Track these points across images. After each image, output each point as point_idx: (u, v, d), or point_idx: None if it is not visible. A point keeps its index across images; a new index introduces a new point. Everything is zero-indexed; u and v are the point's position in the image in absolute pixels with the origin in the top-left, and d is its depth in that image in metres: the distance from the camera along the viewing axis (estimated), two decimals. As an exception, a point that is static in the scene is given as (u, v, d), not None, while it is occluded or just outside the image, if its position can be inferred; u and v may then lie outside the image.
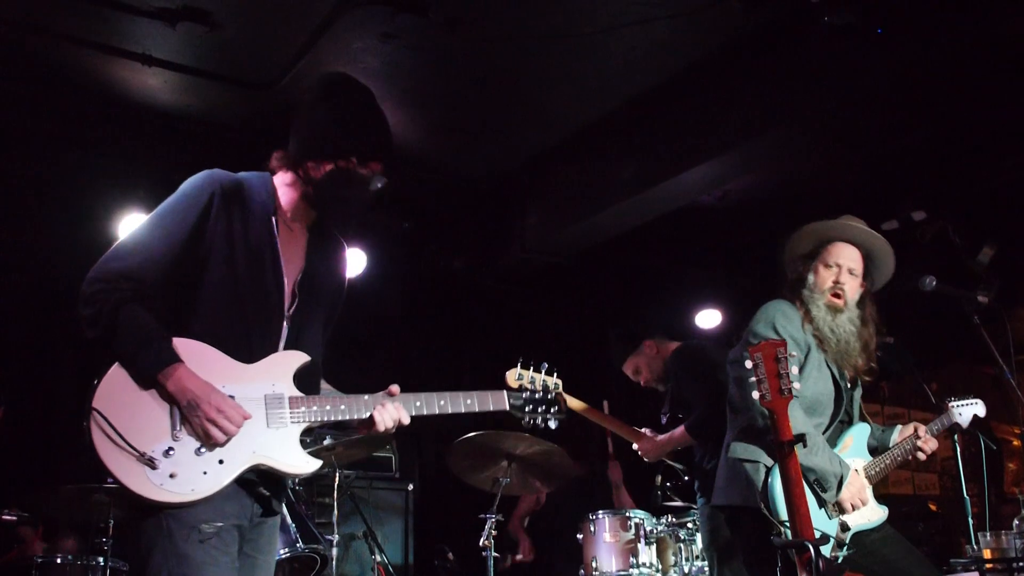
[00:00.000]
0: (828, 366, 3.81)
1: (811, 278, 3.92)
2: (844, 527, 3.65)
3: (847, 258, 3.92)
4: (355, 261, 7.33)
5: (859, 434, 3.92)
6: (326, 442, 5.44)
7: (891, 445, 3.97)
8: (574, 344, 8.02)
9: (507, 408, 3.12)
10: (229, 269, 2.80)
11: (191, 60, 5.88)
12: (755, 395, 3.27)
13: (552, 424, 3.24)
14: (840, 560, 3.59)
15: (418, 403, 2.98)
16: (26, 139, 6.45)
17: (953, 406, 4.14)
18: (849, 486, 3.65)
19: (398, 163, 3.04)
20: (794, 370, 3.25)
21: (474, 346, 8.02)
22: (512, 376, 4.75)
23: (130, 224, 5.88)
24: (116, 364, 2.67)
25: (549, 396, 3.22)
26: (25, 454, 5.82)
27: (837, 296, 3.86)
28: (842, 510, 3.67)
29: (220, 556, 2.64)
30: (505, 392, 3.13)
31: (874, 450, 3.96)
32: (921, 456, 4.01)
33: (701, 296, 7.87)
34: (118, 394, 2.64)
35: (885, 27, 5.21)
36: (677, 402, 5.25)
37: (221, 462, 2.67)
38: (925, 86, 5.59)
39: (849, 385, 3.89)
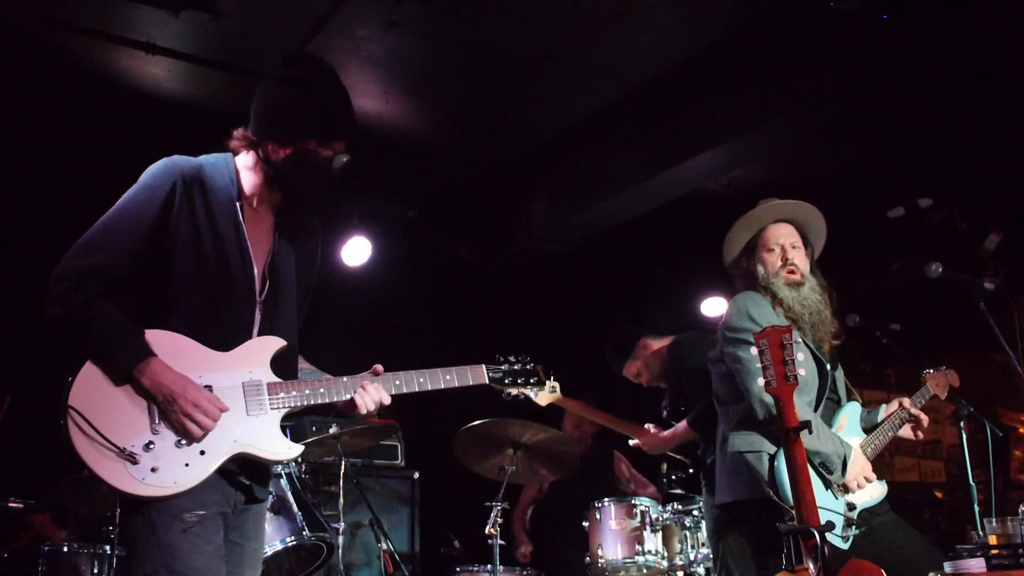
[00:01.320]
0: (807, 345, 3.81)
1: (760, 269, 3.94)
2: (850, 506, 3.66)
3: (784, 236, 3.96)
4: (360, 249, 7.33)
5: (852, 413, 3.94)
6: (332, 430, 5.45)
7: (879, 422, 4.00)
8: (580, 332, 8.00)
9: (487, 381, 3.11)
10: (197, 258, 2.77)
11: (195, 48, 5.85)
12: (760, 382, 3.26)
13: (532, 394, 3.24)
14: (851, 539, 3.60)
15: (397, 382, 2.94)
16: (28, 127, 6.44)
17: (928, 374, 4.25)
18: (853, 465, 3.67)
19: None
20: (800, 356, 3.24)
21: (480, 334, 8.01)
22: None
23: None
24: (89, 360, 2.64)
25: (528, 367, 3.20)
26: (31, 442, 5.82)
27: (792, 272, 3.89)
28: (847, 490, 3.68)
29: (204, 544, 2.62)
30: (484, 366, 3.11)
31: (864, 431, 3.98)
32: (922, 425, 4.03)
33: (707, 284, 7.84)
34: (94, 390, 2.61)
35: (891, 14, 5.18)
36: (678, 396, 5.23)
37: (203, 453, 2.66)
38: (932, 73, 5.56)
39: (829, 365, 3.89)
